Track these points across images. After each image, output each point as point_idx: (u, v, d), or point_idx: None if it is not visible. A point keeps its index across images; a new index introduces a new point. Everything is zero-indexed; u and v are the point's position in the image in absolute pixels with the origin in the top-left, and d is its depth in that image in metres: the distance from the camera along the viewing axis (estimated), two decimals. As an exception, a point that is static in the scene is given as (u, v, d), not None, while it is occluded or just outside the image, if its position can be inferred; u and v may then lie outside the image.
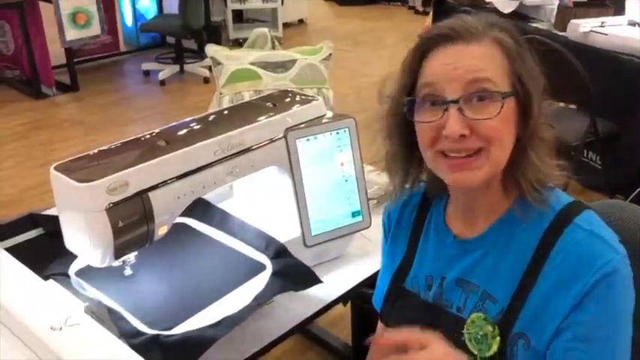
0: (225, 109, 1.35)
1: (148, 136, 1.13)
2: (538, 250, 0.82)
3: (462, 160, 0.80)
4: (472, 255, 0.89)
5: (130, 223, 1.02)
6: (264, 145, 1.21)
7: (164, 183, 1.05)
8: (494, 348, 0.83)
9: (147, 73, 5.24)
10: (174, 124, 1.20)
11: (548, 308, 0.80)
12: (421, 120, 0.82)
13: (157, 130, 1.16)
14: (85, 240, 1.02)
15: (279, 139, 1.23)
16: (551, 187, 0.85)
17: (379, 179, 1.46)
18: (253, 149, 1.19)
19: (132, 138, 1.13)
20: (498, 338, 0.83)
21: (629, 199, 2.62)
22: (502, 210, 0.87)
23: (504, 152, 0.81)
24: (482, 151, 0.80)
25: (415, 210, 1.00)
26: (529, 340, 0.81)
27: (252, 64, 1.93)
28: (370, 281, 1.26)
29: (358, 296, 1.34)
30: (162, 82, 4.99)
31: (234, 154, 1.15)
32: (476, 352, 0.85)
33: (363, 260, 1.35)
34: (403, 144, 0.89)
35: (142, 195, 1.02)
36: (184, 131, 1.17)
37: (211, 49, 2.00)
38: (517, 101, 0.81)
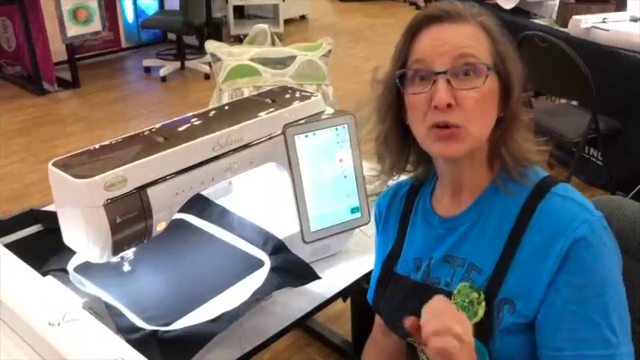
0: (224, 105, 1.35)
1: (147, 132, 1.13)
2: (518, 220, 0.86)
3: (448, 132, 0.84)
4: (457, 231, 0.93)
5: (128, 219, 1.02)
6: (263, 141, 1.20)
7: (162, 179, 1.05)
8: (480, 314, 0.85)
9: (148, 69, 5.23)
10: (172, 120, 1.20)
11: (531, 273, 0.83)
12: (412, 92, 0.87)
13: (155, 126, 1.16)
14: (84, 236, 1.02)
15: (278, 135, 1.22)
16: (532, 164, 0.90)
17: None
18: (252, 145, 1.19)
19: (130, 134, 1.13)
20: (484, 304, 0.85)
21: (629, 196, 2.61)
22: (485, 184, 0.92)
23: (484, 129, 0.87)
24: (462, 128, 0.84)
25: (403, 200, 1.04)
26: (514, 304, 0.84)
27: (251, 60, 1.92)
28: (370, 277, 1.26)
29: (358, 292, 1.34)
30: (164, 79, 4.99)
31: (232, 150, 1.15)
32: None
33: (362, 256, 1.35)
34: (395, 124, 0.94)
35: (140, 191, 1.02)
36: (183, 127, 1.17)
37: (211, 45, 1.99)
38: (499, 80, 0.86)
